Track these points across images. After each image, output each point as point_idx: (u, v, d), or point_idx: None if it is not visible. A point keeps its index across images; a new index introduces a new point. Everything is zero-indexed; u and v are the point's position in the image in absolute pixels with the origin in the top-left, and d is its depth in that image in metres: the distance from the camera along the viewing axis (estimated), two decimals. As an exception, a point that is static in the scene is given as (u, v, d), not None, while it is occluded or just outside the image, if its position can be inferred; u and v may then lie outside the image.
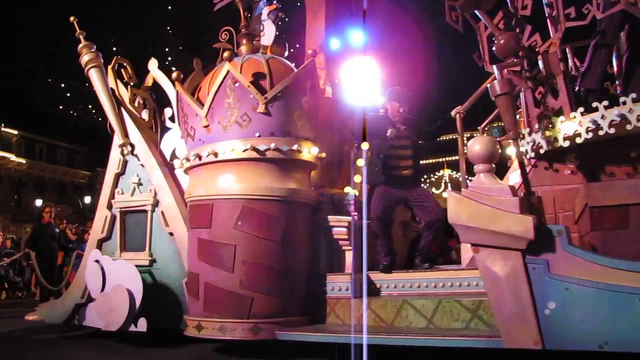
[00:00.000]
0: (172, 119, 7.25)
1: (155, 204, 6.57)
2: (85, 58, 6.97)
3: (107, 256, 6.49)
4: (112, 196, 6.92)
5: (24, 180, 49.07)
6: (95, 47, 7.03)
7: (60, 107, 28.22)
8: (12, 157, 47.57)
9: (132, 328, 6.00)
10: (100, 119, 27.37)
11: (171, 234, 6.41)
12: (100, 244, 6.93)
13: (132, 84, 7.30)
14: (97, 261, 6.45)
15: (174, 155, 6.79)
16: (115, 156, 6.95)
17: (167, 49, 22.96)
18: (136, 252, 6.63)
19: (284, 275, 5.39)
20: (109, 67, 7.12)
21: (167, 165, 6.70)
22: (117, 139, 6.84)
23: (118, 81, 7.17)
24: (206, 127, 5.64)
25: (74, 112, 27.95)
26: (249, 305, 5.28)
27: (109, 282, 6.25)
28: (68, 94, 27.41)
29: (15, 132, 48.59)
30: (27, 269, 14.70)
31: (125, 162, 6.88)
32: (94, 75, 6.92)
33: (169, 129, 7.06)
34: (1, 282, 14.49)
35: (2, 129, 47.34)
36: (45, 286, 10.50)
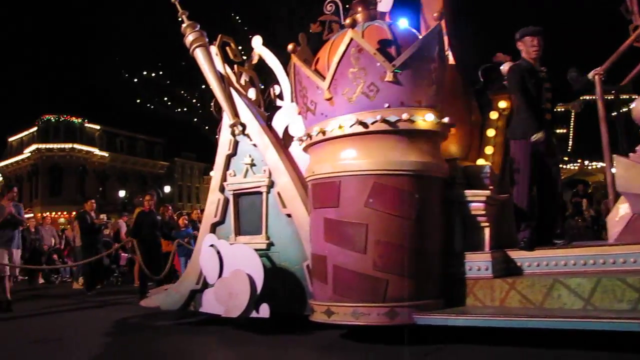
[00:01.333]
0: (280, 96, 6.99)
1: (271, 184, 6.27)
2: (189, 38, 6.71)
3: (223, 240, 6.26)
4: (224, 178, 6.66)
5: (107, 173, 50.77)
6: (198, 26, 6.78)
7: (138, 100, 28.63)
8: (96, 150, 49.40)
9: (254, 314, 5.74)
10: (177, 111, 27.77)
11: (289, 215, 6.11)
12: (213, 228, 6.71)
13: (237, 62, 7.06)
14: (212, 246, 6.23)
15: (286, 134, 6.50)
16: (225, 137, 6.67)
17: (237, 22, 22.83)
18: (252, 236, 6.37)
19: (420, 255, 5.00)
20: (214, 45, 6.86)
21: (280, 144, 6.39)
22: (227, 119, 6.57)
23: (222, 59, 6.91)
24: (329, 99, 5.28)
25: (151, 105, 28.29)
26: (384, 288, 4.93)
27: (227, 267, 6.00)
28: (145, 88, 27.78)
29: (98, 127, 50.40)
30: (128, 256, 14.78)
31: (236, 143, 6.60)
32: (199, 54, 6.65)
33: (278, 107, 6.78)
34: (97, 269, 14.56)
35: (86, 124, 49.12)
36: (147, 274, 10.49)
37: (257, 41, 7.16)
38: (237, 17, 23.97)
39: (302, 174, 6.15)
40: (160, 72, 27.39)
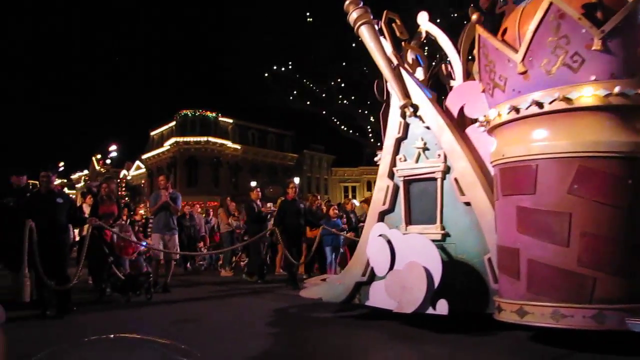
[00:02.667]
0: (449, 75, 6.49)
1: (447, 170, 5.79)
2: (353, 15, 6.37)
3: (395, 230, 5.85)
4: (393, 164, 6.25)
5: (240, 164, 52.39)
6: (362, 2, 6.40)
7: (268, 94, 29.04)
8: (229, 143, 51.12)
9: (430, 310, 5.27)
10: (307, 103, 27.87)
11: (467, 203, 5.60)
12: (382, 217, 6.32)
13: (403, 39, 6.64)
14: (381, 236, 5.84)
15: (460, 115, 5.97)
16: (394, 119, 6.25)
17: None
18: (425, 226, 5.92)
19: (634, 250, 4.31)
20: (381, 23, 6.47)
21: (456, 126, 5.88)
22: (396, 101, 6.14)
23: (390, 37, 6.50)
24: (523, 73, 4.69)
25: (281, 98, 28.60)
26: (591, 287, 4.30)
27: (399, 258, 5.59)
28: (275, 82, 28.12)
29: (231, 120, 52.15)
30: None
31: (406, 126, 6.16)
32: (365, 32, 6.29)
33: (450, 86, 6.29)
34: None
35: (220, 118, 50.92)
36: (291, 261, 10.37)
37: (423, 17, 6.70)
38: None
39: (481, 158, 5.62)
40: (290, 66, 27.61)
